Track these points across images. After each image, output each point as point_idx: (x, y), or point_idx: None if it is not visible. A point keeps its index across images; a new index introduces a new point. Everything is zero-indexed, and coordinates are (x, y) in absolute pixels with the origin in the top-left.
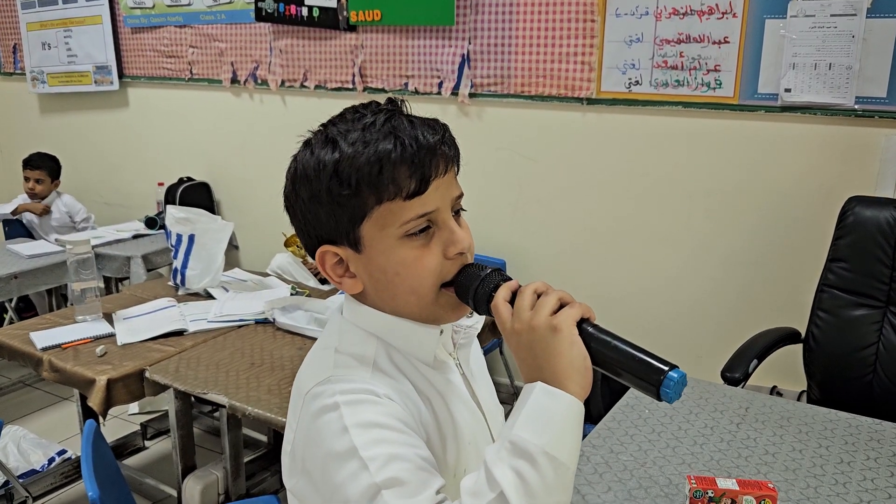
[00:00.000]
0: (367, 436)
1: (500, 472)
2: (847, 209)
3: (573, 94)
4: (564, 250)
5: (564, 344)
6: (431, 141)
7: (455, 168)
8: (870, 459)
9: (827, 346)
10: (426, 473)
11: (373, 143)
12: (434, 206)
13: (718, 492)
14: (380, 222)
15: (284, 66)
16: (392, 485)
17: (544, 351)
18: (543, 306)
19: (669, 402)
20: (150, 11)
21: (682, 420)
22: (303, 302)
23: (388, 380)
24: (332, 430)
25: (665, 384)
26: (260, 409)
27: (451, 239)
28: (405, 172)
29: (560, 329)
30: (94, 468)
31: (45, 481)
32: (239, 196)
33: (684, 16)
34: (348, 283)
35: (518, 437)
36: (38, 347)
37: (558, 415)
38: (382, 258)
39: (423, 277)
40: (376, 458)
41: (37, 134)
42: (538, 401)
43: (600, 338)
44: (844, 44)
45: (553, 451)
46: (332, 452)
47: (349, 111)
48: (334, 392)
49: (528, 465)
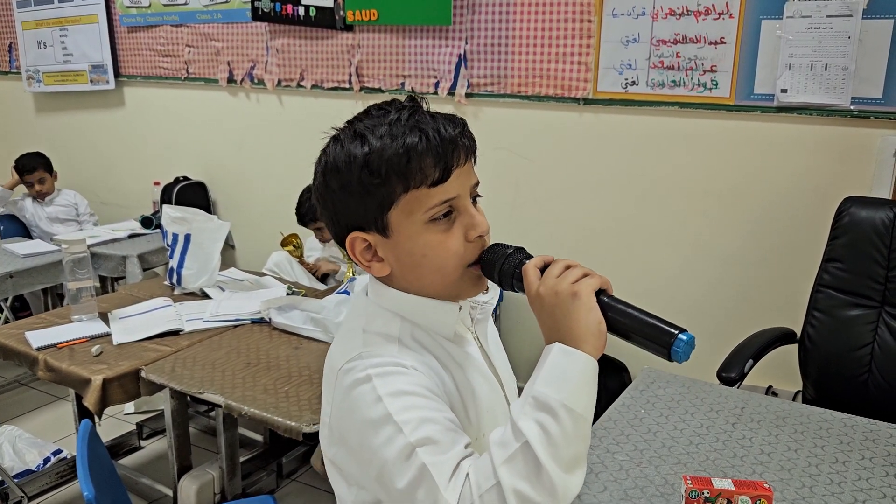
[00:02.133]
0: (399, 402)
1: (524, 424)
2: (843, 209)
3: (570, 94)
4: (561, 250)
5: (582, 309)
6: (453, 133)
7: (473, 158)
8: (865, 459)
9: (822, 345)
10: (454, 433)
11: (400, 136)
12: (455, 193)
13: (714, 492)
14: (407, 209)
15: (281, 66)
16: (425, 443)
17: (564, 315)
18: (568, 275)
19: (679, 361)
20: (147, 10)
21: (677, 420)
22: (299, 302)
23: (413, 354)
24: (366, 400)
25: (676, 344)
26: (256, 409)
27: (472, 223)
28: (430, 162)
29: (580, 295)
30: (89, 468)
31: (41, 481)
32: (235, 195)
33: (681, 16)
34: (377, 267)
35: (539, 392)
36: (33, 347)
37: (575, 372)
38: (410, 242)
39: (447, 258)
40: (409, 422)
41: (32, 133)
42: (557, 360)
43: (616, 306)
44: (840, 44)
45: (571, 404)
46: (368, 420)
47: (374, 108)
48: (366, 367)
49: (549, 417)
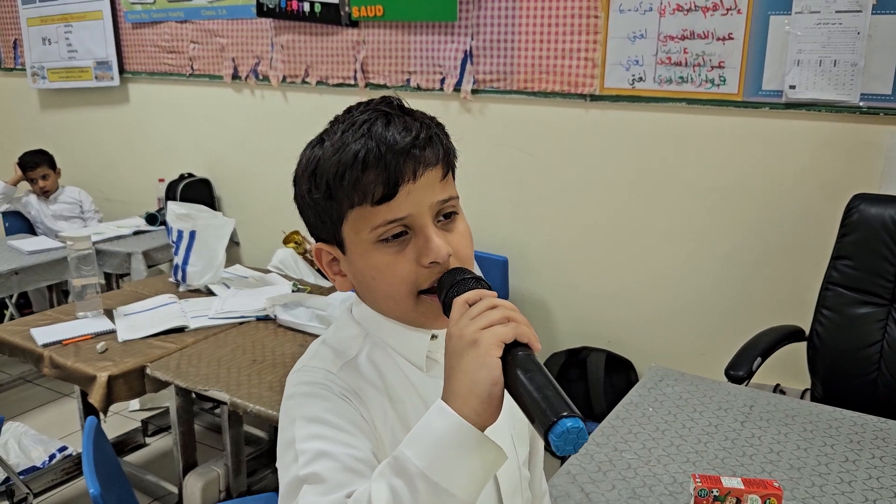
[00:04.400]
0: (306, 430)
1: (376, 488)
2: (852, 207)
3: (576, 90)
4: (567, 247)
5: (474, 362)
6: (403, 143)
7: (440, 170)
8: (875, 458)
9: (831, 343)
10: (350, 475)
11: (345, 145)
12: (406, 213)
13: (723, 490)
14: (354, 226)
15: (286, 62)
16: (311, 480)
17: (457, 364)
18: (482, 318)
19: (557, 452)
20: (151, 7)
21: (686, 418)
22: (304, 298)
23: (358, 378)
24: (287, 417)
25: (553, 430)
26: (261, 406)
27: (426, 247)
28: (371, 177)
29: (478, 345)
30: (95, 465)
31: (46, 478)
32: (240, 192)
33: (688, 12)
34: (339, 281)
35: (402, 452)
36: (38, 344)
37: (445, 437)
38: (361, 262)
39: (396, 284)
40: (306, 452)
41: (37, 130)
42: (430, 417)
43: (523, 365)
44: (849, 40)
45: (435, 477)
46: (282, 438)
47: (349, 108)
48: (297, 381)
49: (404, 486)
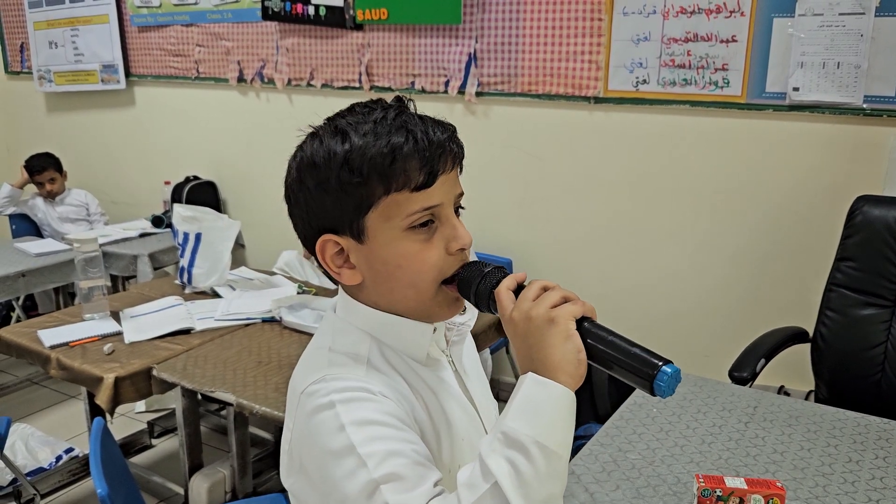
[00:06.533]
0: (363, 433)
1: (493, 463)
2: (855, 208)
3: (580, 92)
4: (570, 248)
5: (559, 336)
6: (441, 137)
7: (459, 167)
8: (878, 458)
9: (835, 345)
10: (423, 468)
11: (384, 135)
12: (439, 201)
13: (727, 490)
14: (385, 213)
15: (291, 65)
16: (390, 480)
17: (539, 342)
18: (545, 299)
19: (662, 396)
20: (157, 10)
21: (690, 419)
22: (309, 300)
23: (383, 377)
24: (328, 428)
25: (659, 377)
26: (267, 408)
27: (454, 234)
28: (415, 165)
29: (557, 322)
30: (102, 465)
31: (53, 479)
32: (245, 195)
33: (692, 14)
34: (347, 274)
35: (510, 427)
36: (45, 345)
37: (549, 405)
38: (385, 250)
39: (424, 272)
40: (374, 455)
41: (43, 133)
42: (529, 391)
43: (597, 333)
44: (853, 42)
45: (544, 441)
46: (329, 450)
47: (358, 106)
48: (329, 391)
49: (520, 455)
